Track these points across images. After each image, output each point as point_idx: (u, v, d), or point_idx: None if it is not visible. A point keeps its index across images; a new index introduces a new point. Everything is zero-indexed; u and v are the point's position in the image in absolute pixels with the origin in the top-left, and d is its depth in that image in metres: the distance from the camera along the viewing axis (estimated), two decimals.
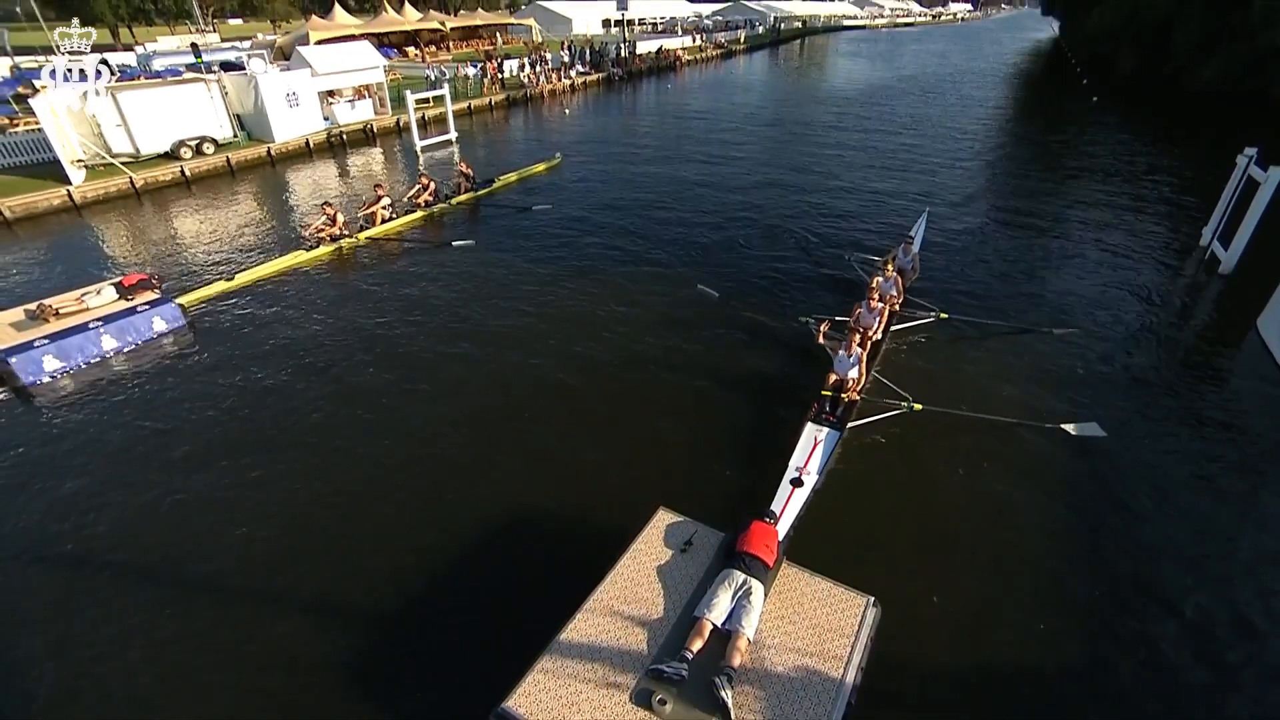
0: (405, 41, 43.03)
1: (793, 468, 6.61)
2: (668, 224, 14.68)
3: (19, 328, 9.13)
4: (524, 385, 8.63)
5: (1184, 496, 6.73)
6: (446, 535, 6.29)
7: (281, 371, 9.02)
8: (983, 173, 19.24)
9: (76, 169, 16.90)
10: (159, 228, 15.09)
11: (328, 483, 6.98)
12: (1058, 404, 8.05)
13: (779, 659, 4.38)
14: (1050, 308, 10.59)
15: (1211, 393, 8.55)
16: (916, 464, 7.12)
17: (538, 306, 10.79)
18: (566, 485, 6.94)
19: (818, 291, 11.20)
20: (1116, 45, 36.24)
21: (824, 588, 4.88)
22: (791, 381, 8.48)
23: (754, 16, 74.79)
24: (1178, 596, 5.63)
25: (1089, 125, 25.97)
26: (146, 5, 59.98)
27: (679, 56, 46.49)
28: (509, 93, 30.92)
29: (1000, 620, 5.45)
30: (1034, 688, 4.94)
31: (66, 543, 6.28)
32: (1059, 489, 6.82)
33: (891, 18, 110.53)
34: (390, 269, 12.46)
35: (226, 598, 5.71)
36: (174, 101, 18.82)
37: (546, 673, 4.29)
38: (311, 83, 22.00)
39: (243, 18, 71.45)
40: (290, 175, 19.55)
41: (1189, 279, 11.89)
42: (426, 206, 15.11)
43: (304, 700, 4.89)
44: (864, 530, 6.33)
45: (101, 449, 7.55)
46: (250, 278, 11.78)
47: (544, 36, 53.38)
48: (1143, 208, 15.62)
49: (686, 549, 5.19)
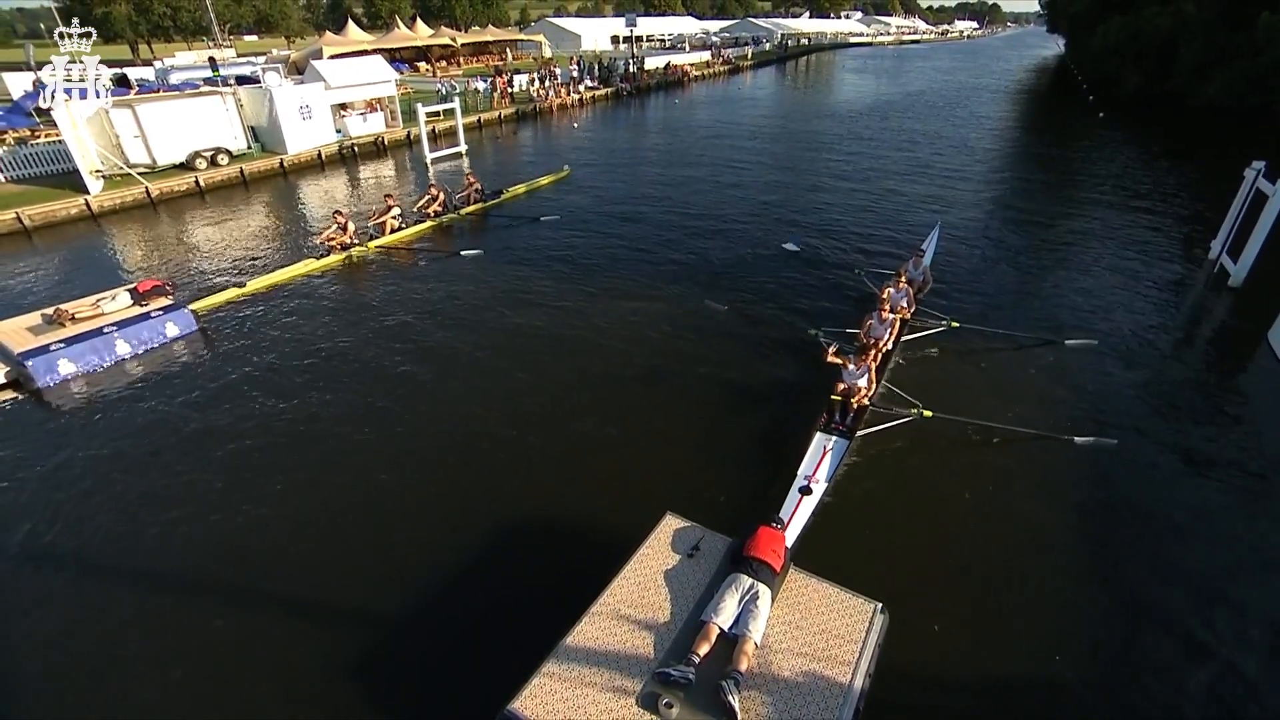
0: (416, 57, 43.82)
1: (801, 476, 6.60)
2: (676, 236, 14.78)
3: (36, 332, 9.28)
4: (531, 393, 8.66)
5: (1195, 509, 6.66)
6: (453, 538, 6.30)
7: (291, 376, 9.10)
8: (992, 186, 19.31)
9: (95, 179, 17.23)
10: (173, 236, 15.32)
11: (336, 487, 7.02)
12: (1068, 415, 8.01)
13: (786, 664, 4.35)
14: (1059, 320, 10.55)
15: (1223, 405, 8.48)
16: (926, 472, 7.09)
17: (546, 315, 10.86)
18: (573, 491, 6.95)
19: (827, 304, 11.20)
20: (1121, 62, 36.47)
21: (832, 593, 4.85)
22: (800, 391, 8.48)
23: (761, 34, 75.72)
24: (1189, 610, 5.56)
25: (1095, 140, 26.04)
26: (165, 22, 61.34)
27: (687, 72, 47.03)
28: (518, 107, 31.34)
29: (1009, 630, 5.39)
30: (1042, 698, 4.88)
31: (74, 543, 6.32)
32: (1069, 499, 6.77)
33: (898, 35, 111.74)
34: (400, 277, 12.58)
35: (233, 600, 5.73)
36: (190, 114, 19.20)
37: (552, 676, 4.27)
38: (324, 96, 22.39)
39: (258, 34, 72.94)
40: (302, 186, 19.83)
41: (1198, 292, 11.85)
42: (436, 216, 15.29)
43: (309, 700, 4.88)
44: (873, 538, 6.29)
45: (112, 451, 7.62)
46: (261, 284, 11.93)
47: (553, 52, 54.19)
48: (1150, 221, 15.61)
49: (693, 554, 5.18)
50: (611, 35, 63.95)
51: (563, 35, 61.53)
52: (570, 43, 60.46)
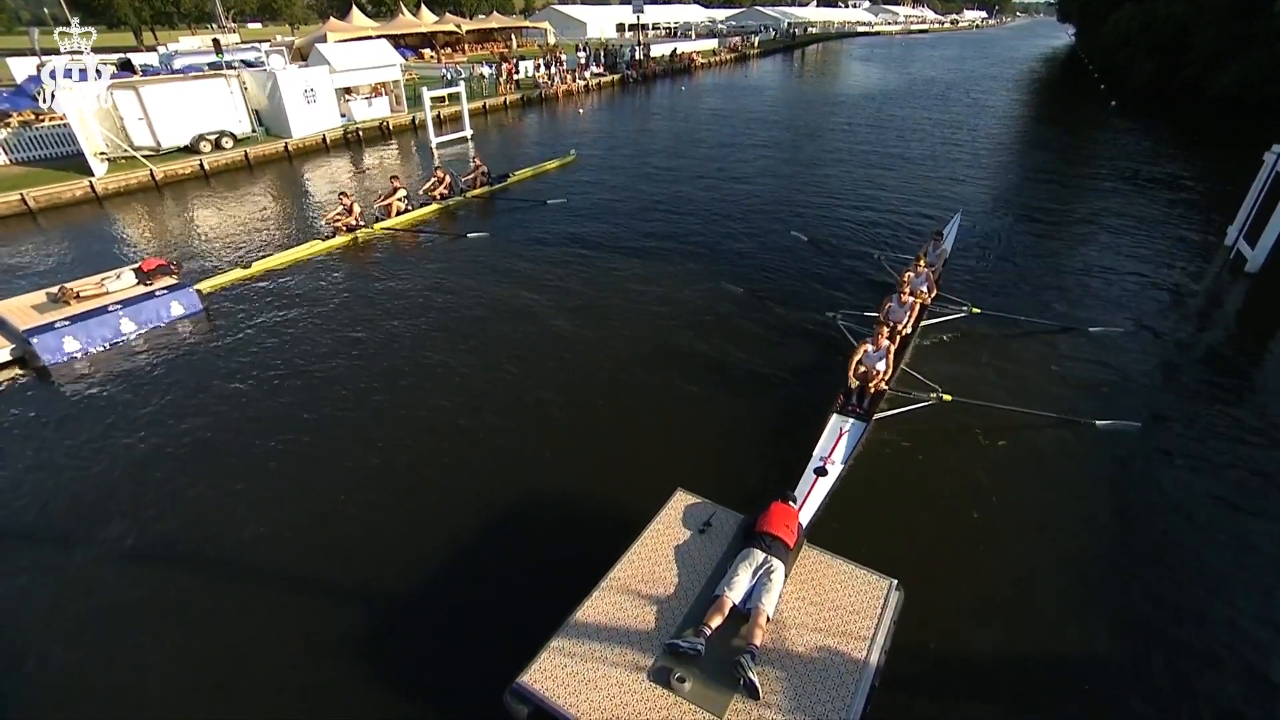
0: (421, 44, 43.48)
1: (817, 457, 6.51)
2: (686, 220, 14.63)
3: (41, 310, 9.23)
4: (538, 373, 8.58)
5: (1215, 493, 6.55)
6: (463, 513, 6.24)
7: (295, 356, 9.03)
8: (1006, 174, 19.09)
9: (99, 162, 17.15)
10: (178, 219, 15.24)
11: (342, 463, 6.96)
12: (1088, 400, 7.89)
13: (801, 639, 4.28)
14: (1077, 305, 10.42)
15: (1242, 390, 8.35)
16: (944, 455, 7.00)
17: (554, 296, 10.77)
18: (582, 468, 6.88)
19: (844, 287, 11.06)
20: (1133, 52, 35.93)
21: (846, 570, 4.78)
22: (817, 373, 8.38)
23: (768, 22, 75.00)
24: (1207, 593, 5.46)
25: (1108, 129, 25.73)
26: (169, 8, 61.11)
27: (693, 59, 46.61)
28: (524, 93, 31.09)
29: (1025, 609, 5.31)
30: (1055, 677, 4.81)
31: (76, 522, 6.28)
32: (1088, 483, 6.67)
33: (906, 24, 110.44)
34: (405, 259, 12.49)
35: (243, 576, 5.69)
36: (194, 97, 19.09)
37: (562, 650, 4.21)
38: (329, 80, 22.22)
39: (262, 21, 72.55)
40: (307, 170, 19.71)
41: (1215, 278, 11.67)
42: (442, 200, 15.17)
43: (319, 675, 4.84)
44: (888, 518, 6.20)
45: (115, 428, 7.58)
46: (267, 266, 11.85)
47: (558, 39, 53.77)
48: (1164, 208, 15.39)
49: (705, 530, 5.11)
50: (617, 23, 63.40)
51: (568, 22, 61.01)
52: (576, 30, 59.97)
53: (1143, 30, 34.83)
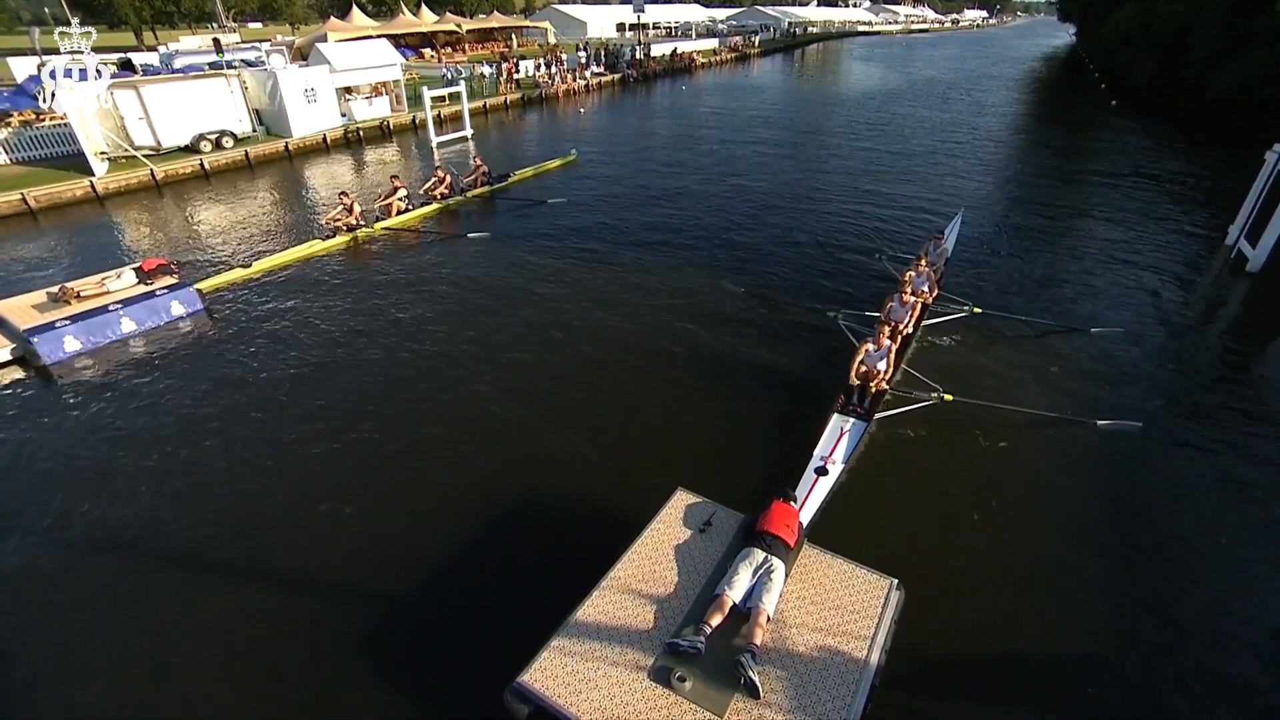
0: (421, 43, 43.44)
1: (817, 457, 6.50)
2: (687, 220, 14.61)
3: (41, 309, 9.24)
4: (539, 371, 8.58)
5: (1216, 494, 6.55)
6: (463, 512, 6.24)
7: (296, 355, 9.03)
8: (1007, 173, 19.08)
9: (100, 161, 17.15)
10: (178, 218, 15.24)
11: (342, 462, 6.96)
12: (1090, 399, 7.89)
13: (801, 639, 4.28)
14: (1078, 305, 10.41)
15: (1244, 391, 8.33)
16: (945, 455, 6.99)
17: (555, 295, 10.76)
18: (582, 467, 6.88)
19: (845, 286, 11.05)
20: (1133, 51, 35.89)
21: (847, 569, 4.78)
22: (818, 373, 8.37)
23: (768, 22, 74.95)
24: (1208, 593, 5.46)
25: (1109, 129, 25.70)
26: (169, 8, 61.11)
27: (694, 59, 46.59)
28: (524, 92, 31.07)
29: (1025, 609, 5.31)
30: (1057, 676, 4.80)
31: (78, 520, 6.28)
32: (1089, 484, 6.66)
33: (906, 24, 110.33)
34: (405, 258, 12.49)
35: (243, 575, 5.69)
36: (194, 96, 19.08)
37: (562, 649, 4.21)
38: (329, 79, 22.20)
39: (262, 21, 72.53)
40: (307, 169, 19.71)
41: (1216, 278, 11.66)
42: (442, 199, 15.17)
43: (319, 674, 4.84)
44: (889, 518, 6.20)
45: (116, 427, 7.58)
46: (267, 265, 11.85)
47: (559, 39, 53.75)
48: (1165, 208, 15.38)
49: (705, 529, 5.11)
50: (618, 23, 63.37)
51: (569, 22, 60.96)
52: (576, 30, 59.92)
53: (1143, 30, 34.81)
